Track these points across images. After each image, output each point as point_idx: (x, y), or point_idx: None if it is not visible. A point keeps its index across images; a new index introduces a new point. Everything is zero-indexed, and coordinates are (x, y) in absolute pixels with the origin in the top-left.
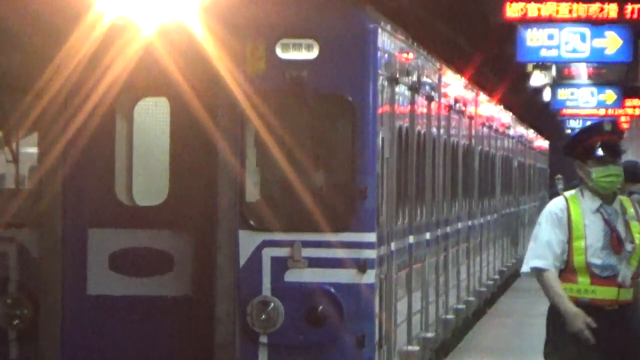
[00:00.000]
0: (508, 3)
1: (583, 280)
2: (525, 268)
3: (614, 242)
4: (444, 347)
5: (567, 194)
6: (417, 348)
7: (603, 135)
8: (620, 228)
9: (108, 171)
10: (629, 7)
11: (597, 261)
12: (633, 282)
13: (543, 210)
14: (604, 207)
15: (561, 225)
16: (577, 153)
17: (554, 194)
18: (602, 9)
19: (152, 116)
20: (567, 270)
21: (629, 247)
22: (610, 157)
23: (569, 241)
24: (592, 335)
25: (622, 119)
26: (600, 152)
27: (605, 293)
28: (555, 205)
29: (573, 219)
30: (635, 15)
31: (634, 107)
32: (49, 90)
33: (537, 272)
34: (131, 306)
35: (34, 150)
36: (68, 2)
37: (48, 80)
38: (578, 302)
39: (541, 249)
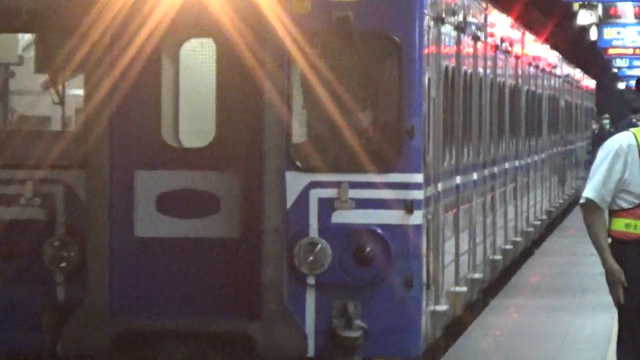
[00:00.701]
0: None
1: None
2: (581, 200)
3: None
4: (492, 287)
5: (635, 129)
6: (464, 289)
7: None
8: None
9: (154, 112)
10: None
11: None
12: None
13: (605, 143)
14: None
15: (624, 161)
16: None
17: (595, 132)
18: None
19: (198, 57)
20: (638, 206)
21: None
22: None
23: None
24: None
25: None
26: None
27: None
28: (623, 138)
29: None
30: None
31: None
32: (95, 32)
33: (587, 203)
34: (178, 248)
35: (80, 92)
36: None
37: (94, 21)
38: None
39: (595, 180)
